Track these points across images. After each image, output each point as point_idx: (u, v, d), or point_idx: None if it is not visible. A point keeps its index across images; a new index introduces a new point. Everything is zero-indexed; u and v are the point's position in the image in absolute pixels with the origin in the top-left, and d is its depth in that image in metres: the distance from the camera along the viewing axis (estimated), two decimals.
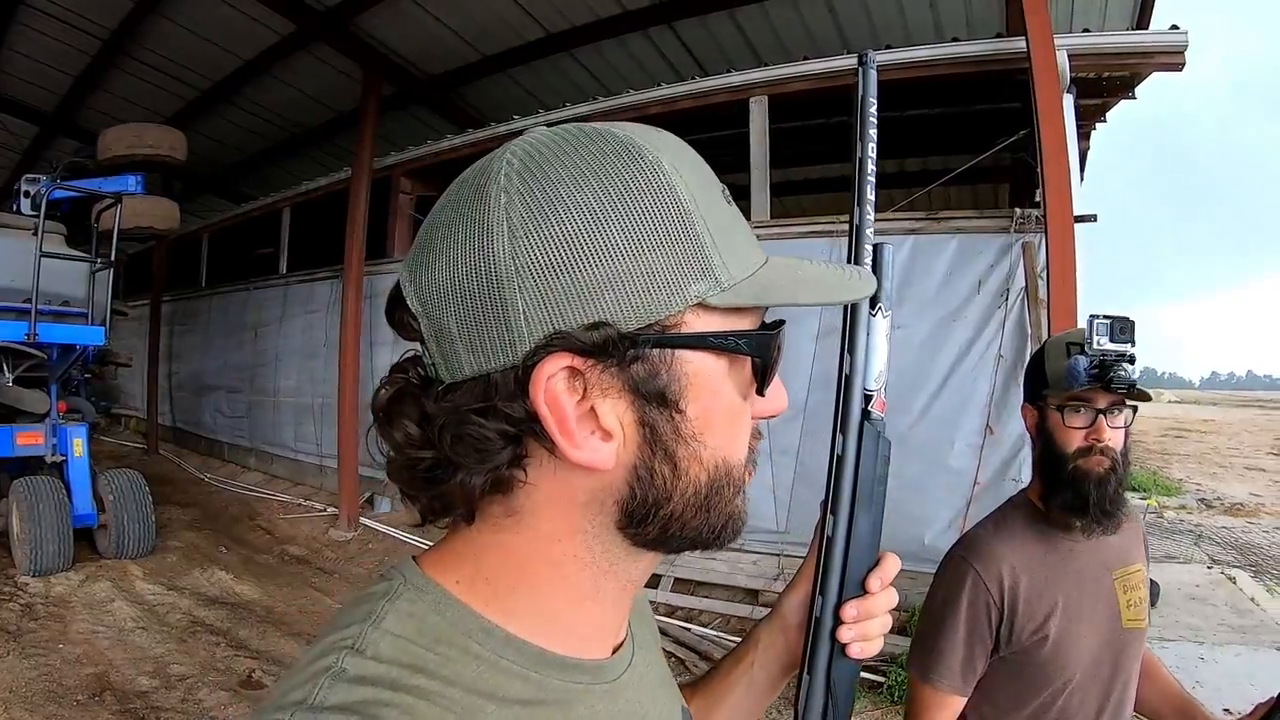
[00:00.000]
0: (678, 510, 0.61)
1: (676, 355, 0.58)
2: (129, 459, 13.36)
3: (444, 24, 9.87)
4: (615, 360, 0.56)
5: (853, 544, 0.84)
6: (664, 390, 0.58)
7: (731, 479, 0.64)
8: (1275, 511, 13.46)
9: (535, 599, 0.64)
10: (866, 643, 0.84)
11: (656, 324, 0.57)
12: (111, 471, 8.03)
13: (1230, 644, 6.36)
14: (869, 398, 0.85)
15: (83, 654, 5.50)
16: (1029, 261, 6.16)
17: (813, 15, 9.35)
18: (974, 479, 6.19)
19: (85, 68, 11.55)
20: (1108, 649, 1.77)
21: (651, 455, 0.59)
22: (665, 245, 0.57)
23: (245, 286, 13.56)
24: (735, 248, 0.61)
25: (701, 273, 0.58)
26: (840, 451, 0.84)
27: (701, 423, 0.60)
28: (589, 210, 0.55)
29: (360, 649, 0.57)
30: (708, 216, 0.59)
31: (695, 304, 0.58)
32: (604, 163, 0.57)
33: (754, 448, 0.68)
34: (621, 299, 0.55)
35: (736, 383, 0.63)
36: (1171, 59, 6.11)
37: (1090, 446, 1.75)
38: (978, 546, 1.82)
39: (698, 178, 0.61)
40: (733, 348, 0.60)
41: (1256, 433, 33.19)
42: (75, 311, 8.22)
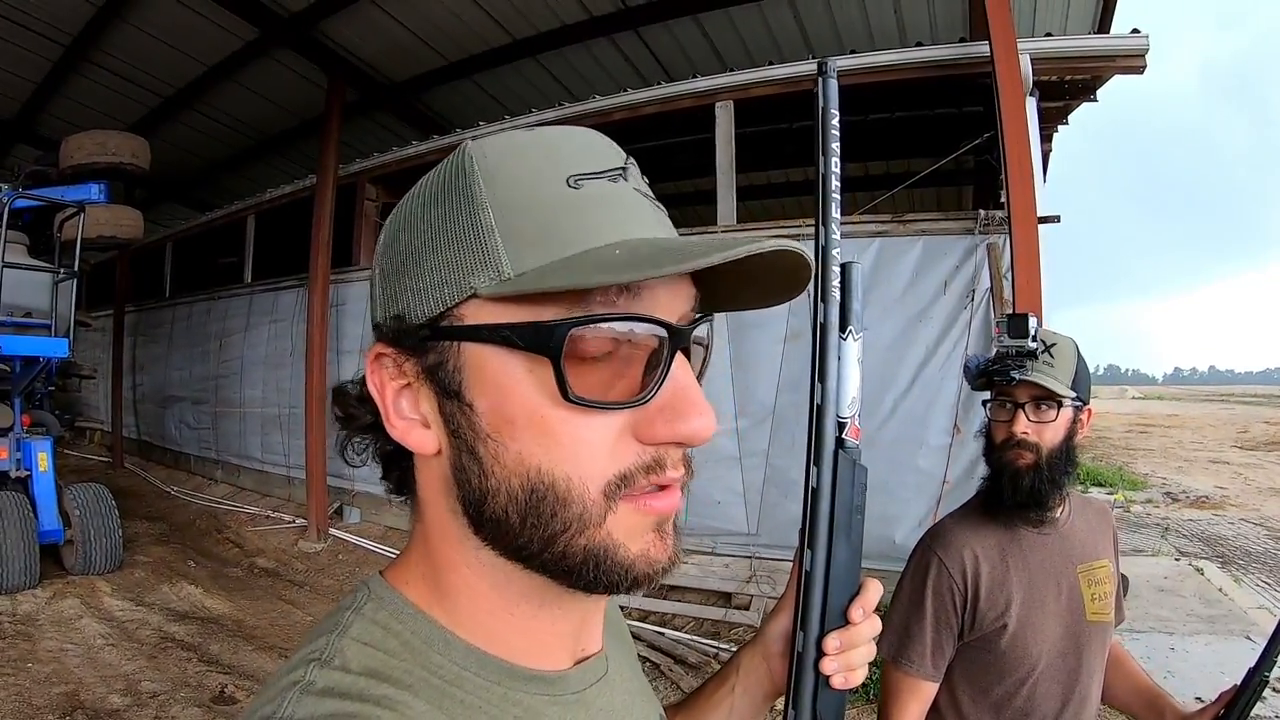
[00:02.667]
0: (500, 515, 0.59)
1: (461, 348, 0.59)
2: (94, 473, 13.18)
3: (408, 29, 9.83)
4: (412, 350, 0.61)
5: (832, 576, 0.82)
6: (448, 381, 0.59)
7: (560, 498, 0.57)
8: (1240, 504, 13.67)
9: (456, 603, 0.65)
10: (851, 673, 0.83)
11: (440, 315, 0.59)
12: (77, 486, 7.92)
13: (1200, 634, 6.46)
14: (842, 425, 0.82)
15: (52, 673, 5.40)
16: (994, 262, 6.22)
17: (777, 21, 9.41)
18: (943, 478, 6.25)
19: (46, 74, 11.39)
20: (1070, 640, 1.81)
21: (458, 448, 0.60)
22: (453, 240, 0.58)
23: (210, 296, 13.41)
24: (550, 236, 0.57)
25: (482, 264, 0.57)
26: (815, 484, 0.82)
27: (495, 421, 0.58)
28: (413, 219, 0.62)
29: (328, 660, 0.58)
30: (511, 208, 0.58)
31: (469, 296, 0.57)
32: (437, 176, 0.62)
33: (635, 479, 0.59)
34: (416, 293, 0.60)
35: (541, 384, 0.56)
36: (1132, 62, 6.20)
37: (1008, 439, 1.83)
38: (942, 534, 1.89)
39: (526, 168, 0.60)
40: (505, 340, 0.57)
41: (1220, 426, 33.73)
42: (38, 323, 8.09)
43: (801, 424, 6.67)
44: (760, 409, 6.92)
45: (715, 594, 6.82)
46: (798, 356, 6.74)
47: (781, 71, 7.35)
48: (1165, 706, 1.94)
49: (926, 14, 9.06)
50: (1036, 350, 1.79)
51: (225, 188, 14.87)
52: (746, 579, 6.79)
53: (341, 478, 10.04)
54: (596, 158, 0.62)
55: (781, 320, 6.75)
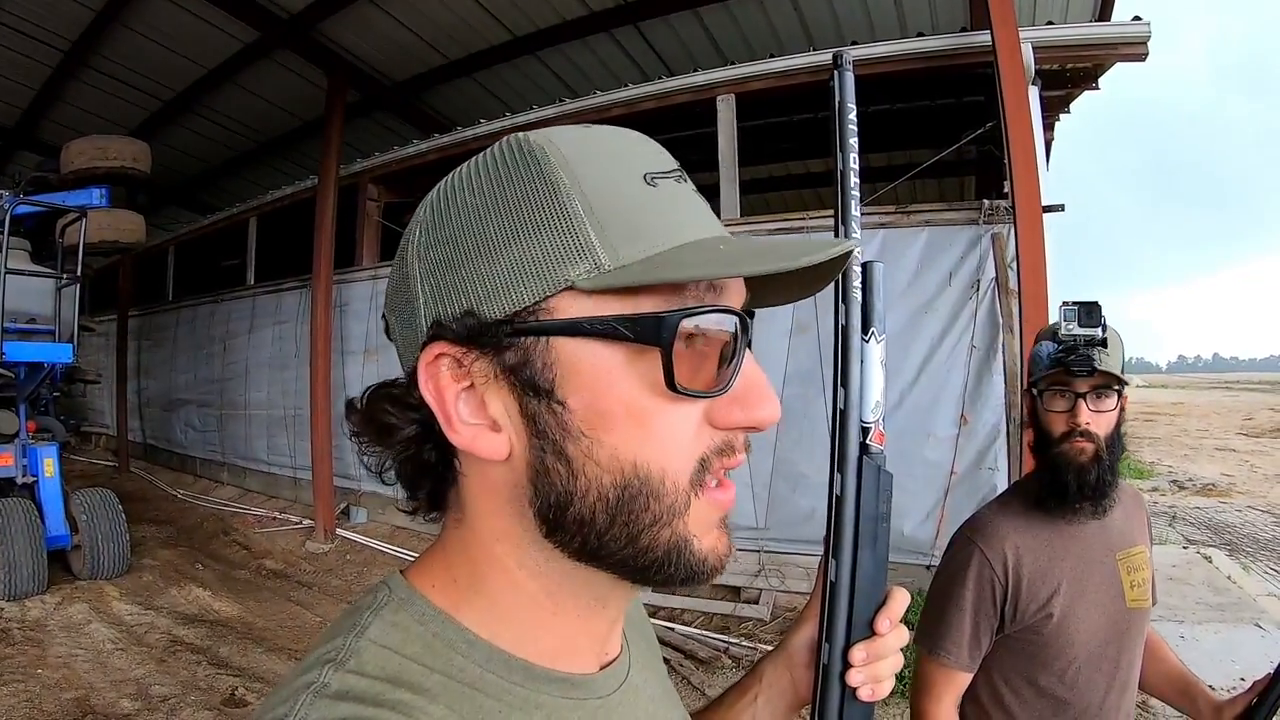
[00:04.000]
0: (586, 516, 0.57)
1: (551, 343, 0.56)
2: (100, 477, 13.21)
3: (408, 29, 9.83)
4: (488, 348, 0.57)
5: (858, 585, 0.80)
6: (537, 379, 0.57)
7: (654, 491, 0.57)
8: (1247, 491, 13.66)
9: (494, 604, 0.63)
10: (878, 684, 0.81)
11: (527, 310, 0.56)
12: (83, 491, 7.92)
13: (1209, 622, 6.44)
14: (866, 430, 0.81)
15: (62, 678, 5.40)
16: (999, 252, 6.21)
17: (777, 13, 9.39)
18: (950, 469, 6.24)
19: (46, 80, 11.41)
20: (1113, 628, 1.80)
21: (542, 449, 0.58)
22: (536, 232, 0.56)
23: (213, 299, 13.43)
24: (638, 229, 0.57)
25: (577, 256, 0.55)
26: (839, 492, 0.80)
27: (590, 417, 0.56)
28: (471, 208, 0.59)
29: (343, 662, 0.56)
30: (599, 200, 0.57)
31: (565, 288, 0.56)
32: (495, 164, 0.60)
33: (711, 463, 0.59)
34: (492, 288, 0.57)
35: (641, 376, 0.56)
36: (1134, 49, 6.19)
37: (1071, 431, 1.79)
38: (983, 526, 1.86)
39: (604, 162, 0.59)
40: (610, 332, 0.55)
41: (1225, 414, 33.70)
42: (42, 329, 8.10)
43: (810, 417, 6.72)
44: None
45: (724, 588, 6.82)
46: (805, 350, 6.73)
47: (782, 64, 7.33)
48: (1198, 693, 1.94)
49: (927, 4, 9.04)
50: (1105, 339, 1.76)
51: (227, 190, 14.91)
52: (755, 573, 6.78)
53: (348, 478, 10.04)
54: (660, 158, 0.62)
55: (788, 314, 6.73)
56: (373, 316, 9.92)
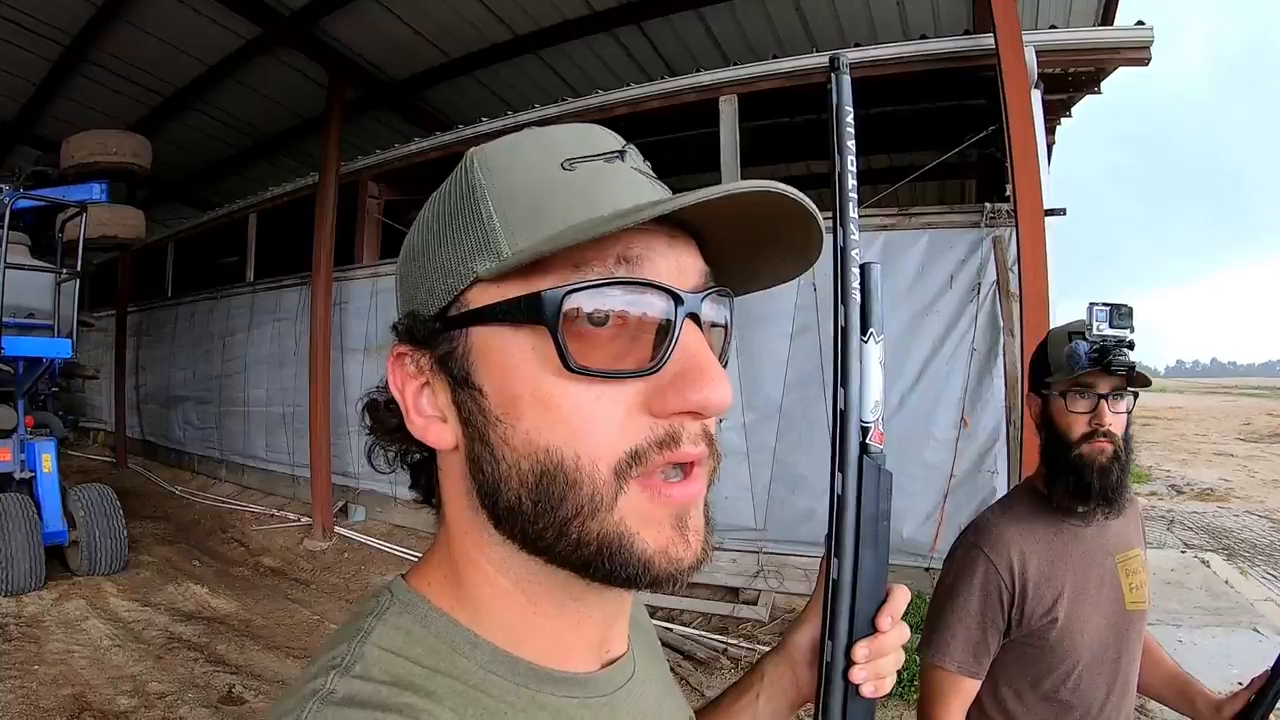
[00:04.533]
0: (513, 502, 0.58)
1: (469, 334, 0.59)
2: (98, 473, 13.21)
3: (409, 26, 9.81)
4: (426, 345, 0.62)
5: (860, 584, 0.81)
6: (457, 369, 0.60)
7: (569, 479, 0.56)
8: (1245, 496, 13.68)
9: (480, 602, 0.64)
10: (880, 681, 0.82)
11: (449, 306, 0.60)
12: (81, 487, 7.91)
13: (1207, 626, 6.47)
14: (866, 430, 0.81)
15: (59, 674, 5.39)
16: (1000, 255, 6.21)
17: (780, 14, 9.37)
18: (950, 472, 6.24)
19: (46, 74, 11.37)
20: (1113, 630, 1.81)
21: (470, 437, 0.60)
22: (458, 234, 0.60)
23: (212, 295, 13.43)
24: (543, 217, 0.57)
25: (484, 250, 0.58)
26: (840, 491, 0.81)
27: (502, 402, 0.58)
28: (422, 222, 0.65)
29: (348, 668, 0.57)
30: (507, 197, 0.59)
31: (472, 281, 0.59)
32: (449, 179, 0.64)
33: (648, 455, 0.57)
34: (427, 290, 0.62)
35: (544, 358, 0.56)
36: (1137, 54, 6.19)
37: (1093, 431, 1.79)
38: (987, 531, 1.85)
39: (521, 160, 0.61)
40: (504, 315, 0.57)
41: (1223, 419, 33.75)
42: (41, 324, 8.08)
43: (809, 420, 6.73)
44: (767, 404, 6.92)
45: (723, 589, 6.82)
46: (805, 352, 6.73)
47: (786, 65, 7.33)
48: (1195, 693, 1.95)
49: (930, 6, 9.03)
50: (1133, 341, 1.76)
51: (227, 187, 14.86)
52: (754, 574, 6.78)
53: (346, 476, 10.04)
54: (592, 144, 0.62)
55: (788, 316, 6.75)
56: (372, 314, 9.92)
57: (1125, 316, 1.76)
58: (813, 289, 6.64)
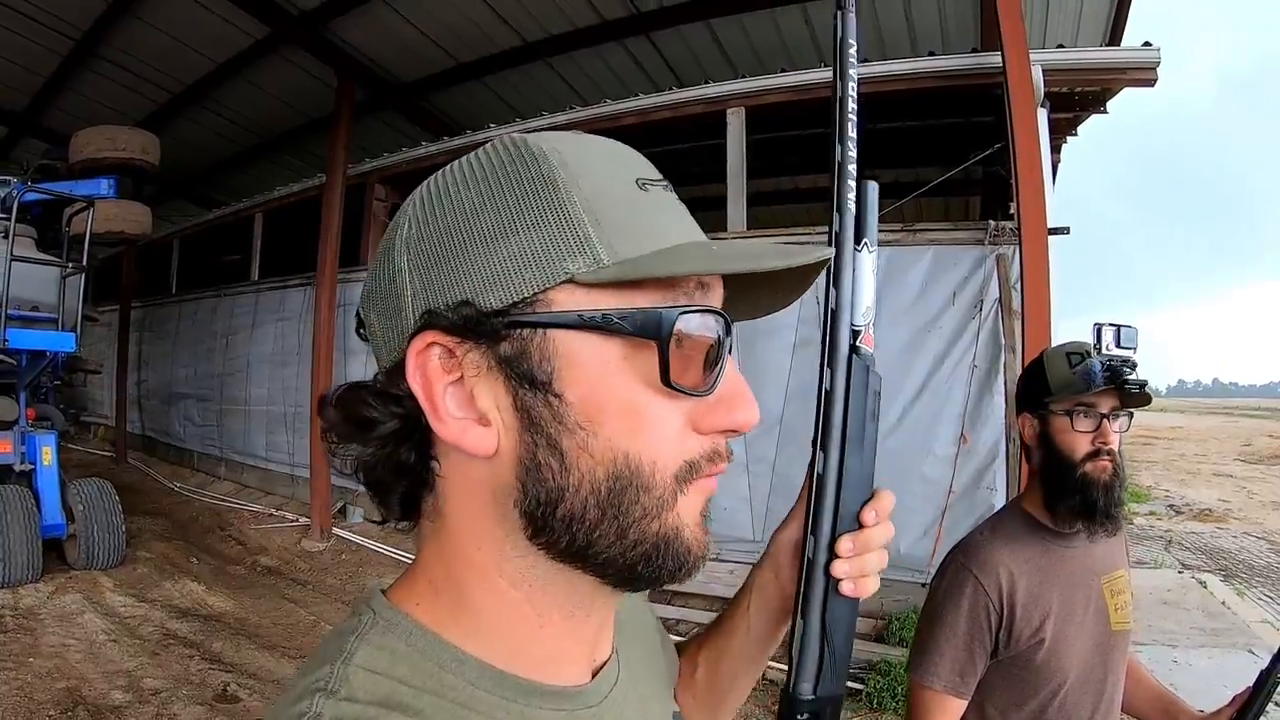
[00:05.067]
0: (577, 511, 0.57)
1: (548, 335, 0.56)
2: (98, 468, 13.20)
3: (419, 30, 9.84)
4: (483, 339, 0.57)
5: (845, 481, 0.81)
6: (534, 371, 0.57)
7: (644, 483, 0.58)
8: (1244, 517, 13.66)
9: (479, 617, 0.63)
10: (863, 579, 0.81)
11: (525, 302, 0.57)
12: (81, 481, 7.94)
13: (1203, 647, 6.46)
14: (857, 333, 0.83)
15: (54, 668, 5.40)
16: (1003, 273, 6.22)
17: (789, 27, 9.40)
18: (949, 488, 6.23)
19: (56, 68, 11.41)
20: (1098, 651, 1.81)
21: (534, 444, 0.57)
22: (535, 226, 0.57)
23: (216, 293, 13.44)
24: (635, 230, 0.58)
25: (576, 250, 0.56)
26: (829, 386, 0.82)
27: (587, 409, 0.57)
28: (469, 202, 0.59)
29: (334, 690, 0.55)
30: (596, 199, 0.58)
31: (564, 281, 0.56)
32: (495, 161, 0.61)
33: (701, 467, 0.61)
34: (489, 280, 0.57)
35: (636, 370, 0.57)
36: (1144, 74, 6.20)
37: (1096, 451, 1.79)
38: (976, 552, 1.85)
39: (599, 165, 0.61)
40: (609, 325, 0.56)
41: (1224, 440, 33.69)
42: (45, 317, 8.10)
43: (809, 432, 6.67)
44: (768, 417, 6.90)
45: (718, 600, 6.81)
46: (806, 365, 6.72)
47: (793, 79, 7.34)
48: (1179, 711, 1.97)
49: (938, 23, 9.06)
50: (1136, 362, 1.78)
51: (233, 185, 14.89)
52: None
53: (345, 478, 10.01)
54: (649, 168, 0.64)
55: (790, 329, 6.75)
56: None
57: (1131, 336, 1.77)
58: (816, 302, 6.61)
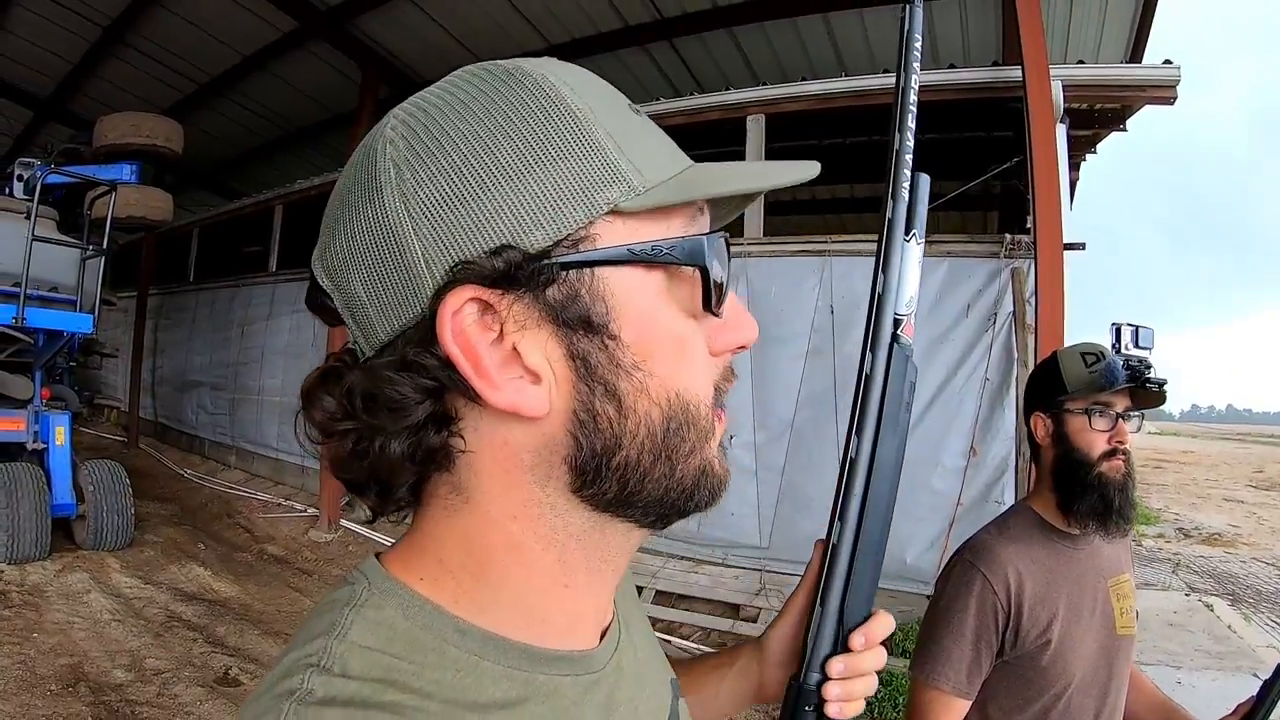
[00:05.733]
0: (633, 458, 0.54)
1: (596, 274, 0.53)
2: (109, 451, 13.27)
3: (445, 30, 9.89)
4: (526, 287, 0.51)
5: (875, 468, 0.82)
6: (589, 314, 0.53)
7: (692, 417, 0.56)
8: (1253, 543, 13.56)
9: (502, 589, 0.59)
10: (847, 703, 0.80)
11: (566, 240, 0.52)
12: (92, 462, 7.97)
13: (1207, 669, 6.43)
14: (898, 322, 0.83)
15: (57, 644, 5.44)
16: (1018, 287, 6.21)
17: (811, 37, 9.42)
18: (957, 500, 6.22)
19: (83, 54, 11.51)
20: (1103, 654, 1.81)
21: (590, 393, 0.53)
22: (562, 157, 0.53)
23: (234, 283, 13.50)
24: (649, 153, 0.56)
25: (611, 179, 0.53)
26: (869, 370, 0.82)
27: (642, 348, 0.54)
28: (474, 136, 0.53)
29: (327, 666, 0.52)
30: (610, 124, 0.55)
31: (607, 212, 0.53)
32: (486, 90, 0.55)
33: (722, 388, 0.61)
34: (523, 219, 0.51)
35: (678, 301, 0.56)
36: (1163, 93, 6.19)
37: (1113, 450, 1.80)
38: (984, 551, 1.84)
39: (593, 89, 0.58)
40: (660, 256, 0.54)
41: (1235, 465, 33.46)
42: (63, 298, 8.15)
43: (820, 441, 6.73)
44: (778, 424, 6.91)
45: (724, 605, 6.81)
46: (817, 374, 6.73)
47: (814, 87, 7.35)
48: (1181, 719, 1.95)
49: (960, 36, 9.06)
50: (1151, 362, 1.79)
51: (254, 177, 14.99)
52: (755, 592, 6.77)
53: None
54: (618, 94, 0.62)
55: (803, 337, 6.76)
56: None
57: (1149, 337, 1.79)
58: (830, 310, 6.66)
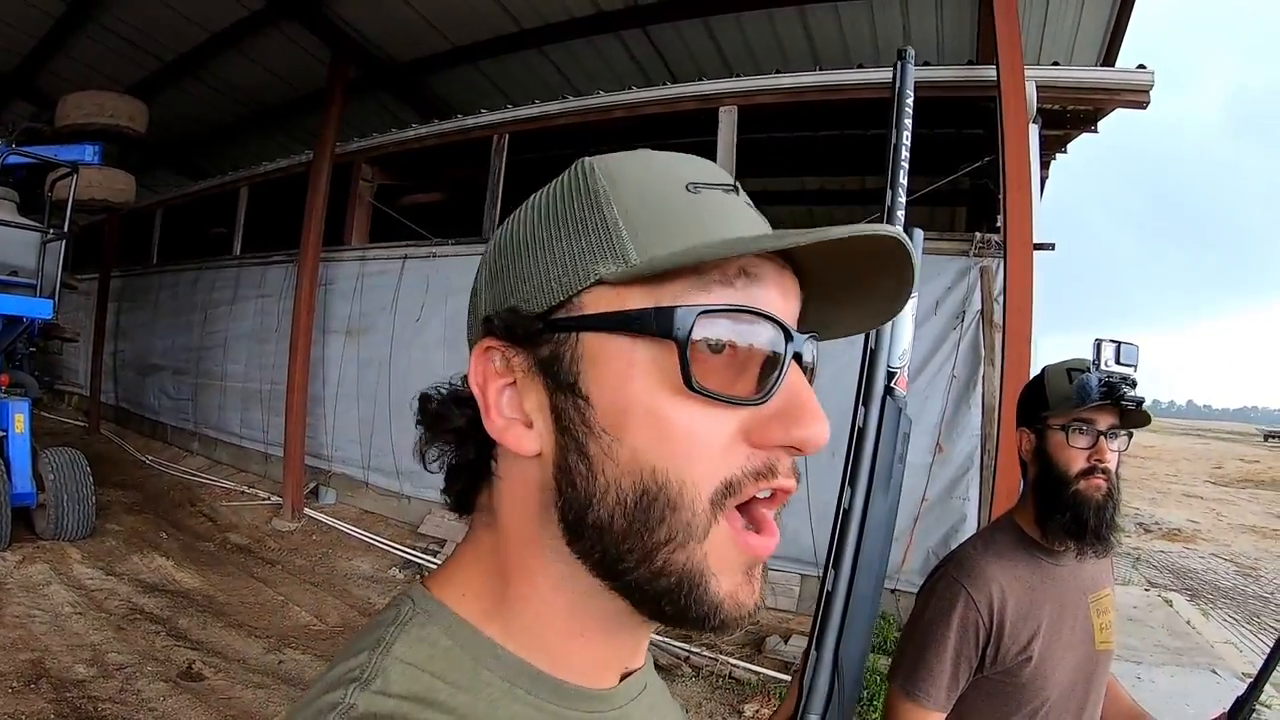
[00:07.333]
0: (605, 520, 0.56)
1: (580, 338, 0.57)
2: (69, 437, 13.08)
3: (415, 10, 9.79)
4: (525, 343, 0.59)
5: (868, 522, 0.81)
6: (564, 374, 0.57)
7: (671, 501, 0.55)
8: (1211, 538, 13.81)
9: (521, 616, 0.62)
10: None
11: (560, 305, 0.58)
12: (52, 450, 7.85)
13: (1166, 665, 6.53)
14: (892, 375, 0.82)
15: (18, 639, 5.36)
16: (986, 285, 6.25)
17: (786, 30, 9.41)
18: (922, 496, 6.25)
19: (49, 29, 11.28)
20: (1082, 669, 1.81)
21: (566, 447, 0.57)
22: (574, 234, 0.58)
23: (197, 266, 13.35)
24: (676, 230, 0.57)
25: (608, 253, 0.57)
26: (861, 424, 0.82)
27: (611, 415, 0.56)
28: (529, 221, 0.62)
29: (369, 681, 0.55)
30: (635, 203, 0.58)
31: (593, 283, 0.57)
32: (557, 184, 0.63)
33: (742, 485, 0.56)
34: (534, 285, 0.59)
35: (663, 373, 0.55)
36: (1136, 97, 6.24)
37: (1091, 468, 1.78)
38: (968, 566, 1.82)
39: (643, 173, 0.61)
40: (631, 323, 0.55)
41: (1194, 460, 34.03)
42: (23, 282, 7.97)
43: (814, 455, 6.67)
44: None
45: None
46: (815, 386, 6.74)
47: (786, 81, 7.36)
48: None
49: (935, 35, 9.09)
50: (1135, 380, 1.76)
51: (220, 157, 14.77)
52: None
53: (319, 457, 10.01)
54: (711, 174, 0.63)
55: None
56: (357, 297, 9.88)
57: (1131, 354, 1.76)
58: None
